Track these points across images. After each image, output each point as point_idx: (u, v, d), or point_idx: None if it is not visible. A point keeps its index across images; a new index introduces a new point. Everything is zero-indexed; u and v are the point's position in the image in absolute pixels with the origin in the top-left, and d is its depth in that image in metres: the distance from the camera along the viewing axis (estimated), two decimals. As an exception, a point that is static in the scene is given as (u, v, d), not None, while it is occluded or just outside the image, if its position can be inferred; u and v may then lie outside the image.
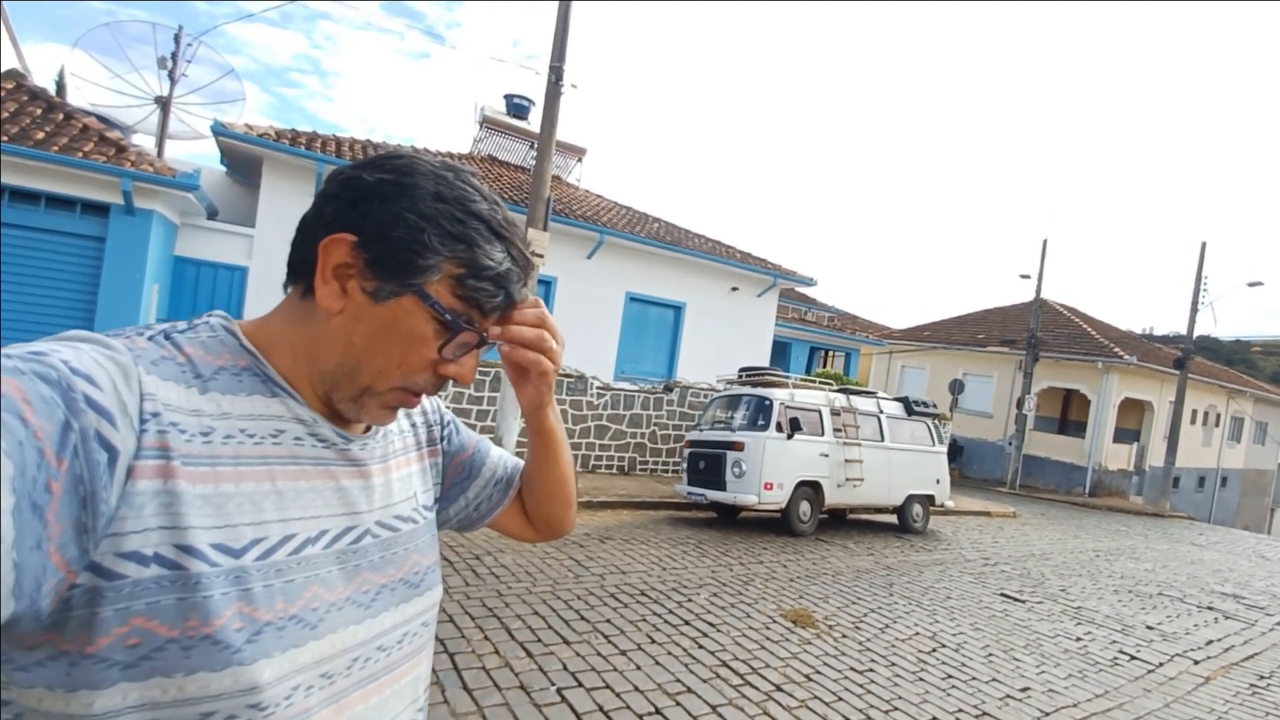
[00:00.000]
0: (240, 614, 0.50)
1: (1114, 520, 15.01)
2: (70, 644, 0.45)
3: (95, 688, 0.45)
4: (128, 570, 0.46)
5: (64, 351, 0.45)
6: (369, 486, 0.64)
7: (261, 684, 0.49)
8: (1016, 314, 25.02)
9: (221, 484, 0.52)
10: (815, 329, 18.31)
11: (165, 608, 0.47)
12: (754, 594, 5.19)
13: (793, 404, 7.85)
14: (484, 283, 0.60)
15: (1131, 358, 19.05)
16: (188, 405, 0.52)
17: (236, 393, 0.56)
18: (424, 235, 0.57)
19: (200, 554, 0.49)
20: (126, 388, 0.48)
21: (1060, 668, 4.40)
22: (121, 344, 0.50)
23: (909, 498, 8.89)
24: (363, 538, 0.62)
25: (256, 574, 0.52)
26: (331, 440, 0.62)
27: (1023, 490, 19.80)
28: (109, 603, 0.45)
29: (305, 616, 0.54)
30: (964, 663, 4.28)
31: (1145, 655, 4.88)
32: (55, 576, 0.42)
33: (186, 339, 0.56)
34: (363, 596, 0.60)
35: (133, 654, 0.46)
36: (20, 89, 6.88)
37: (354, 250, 0.57)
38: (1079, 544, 10.04)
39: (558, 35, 7.47)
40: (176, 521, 0.48)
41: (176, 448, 0.50)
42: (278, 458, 0.57)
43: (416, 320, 0.58)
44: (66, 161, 6.08)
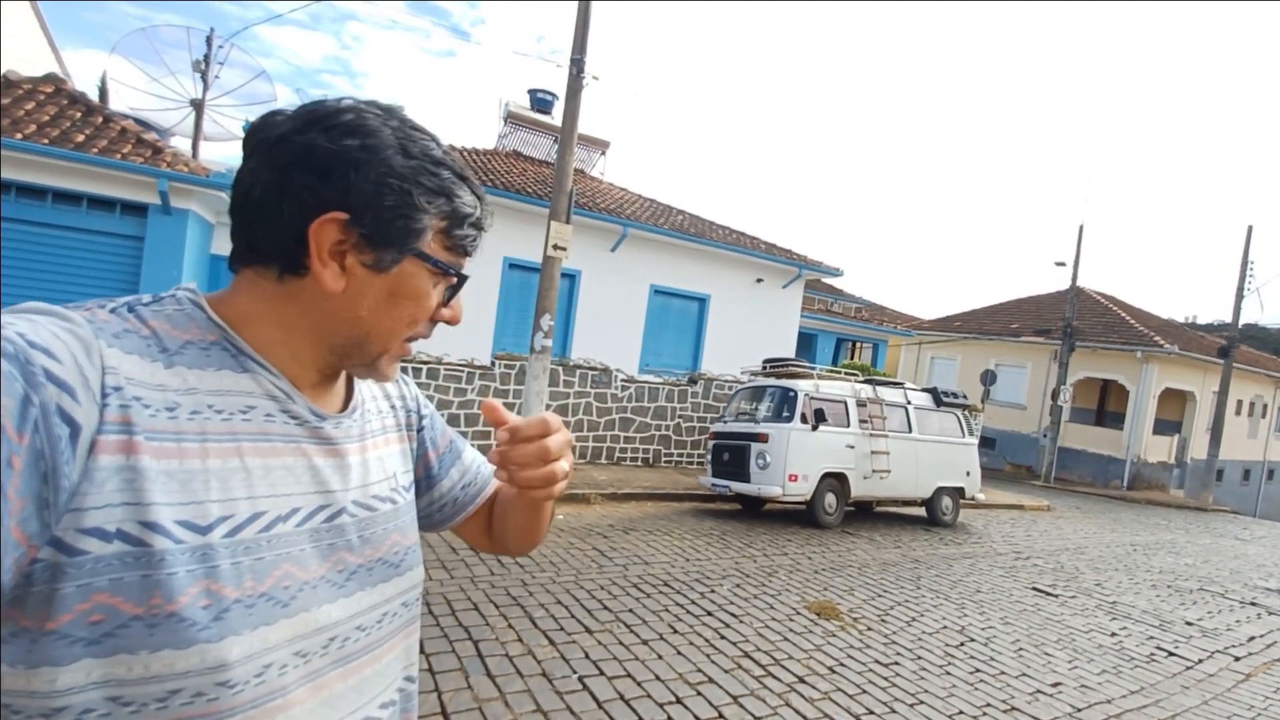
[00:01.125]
0: (207, 591, 0.49)
1: (1153, 514, 14.57)
2: (30, 620, 0.44)
3: (57, 664, 0.45)
4: (90, 546, 0.45)
5: (19, 324, 0.44)
6: (343, 465, 0.63)
7: (229, 661, 0.49)
8: (1051, 302, 24.34)
9: (187, 460, 0.51)
10: (842, 320, 18.07)
11: (128, 584, 0.46)
12: (778, 586, 5.17)
13: (817, 395, 7.77)
14: (467, 229, 0.62)
15: (1173, 346, 18.41)
16: (152, 380, 0.51)
17: (204, 367, 0.55)
18: (411, 198, 0.57)
19: (164, 530, 0.48)
20: (88, 361, 0.47)
21: (1094, 663, 4.30)
22: (81, 316, 0.49)
23: (938, 490, 8.74)
24: (337, 516, 0.61)
25: (224, 551, 0.51)
26: (304, 418, 0.60)
27: (1058, 483, 19.32)
28: (70, 579, 0.45)
29: (276, 594, 0.53)
30: (993, 657, 4.21)
31: (1184, 651, 4.74)
32: (16, 551, 0.41)
33: (151, 312, 0.55)
34: (338, 576, 0.59)
35: (95, 630, 0.45)
36: (60, 93, 7.14)
37: (346, 228, 0.56)
38: (1115, 538, 9.77)
39: (578, 28, 7.46)
40: (140, 498, 0.47)
41: (140, 423, 0.49)
42: (247, 434, 0.55)
43: (419, 280, 0.60)
44: (106, 163, 6.29)
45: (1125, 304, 24.35)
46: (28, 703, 0.45)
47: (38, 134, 6.34)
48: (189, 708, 0.48)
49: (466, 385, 8.90)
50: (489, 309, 10.43)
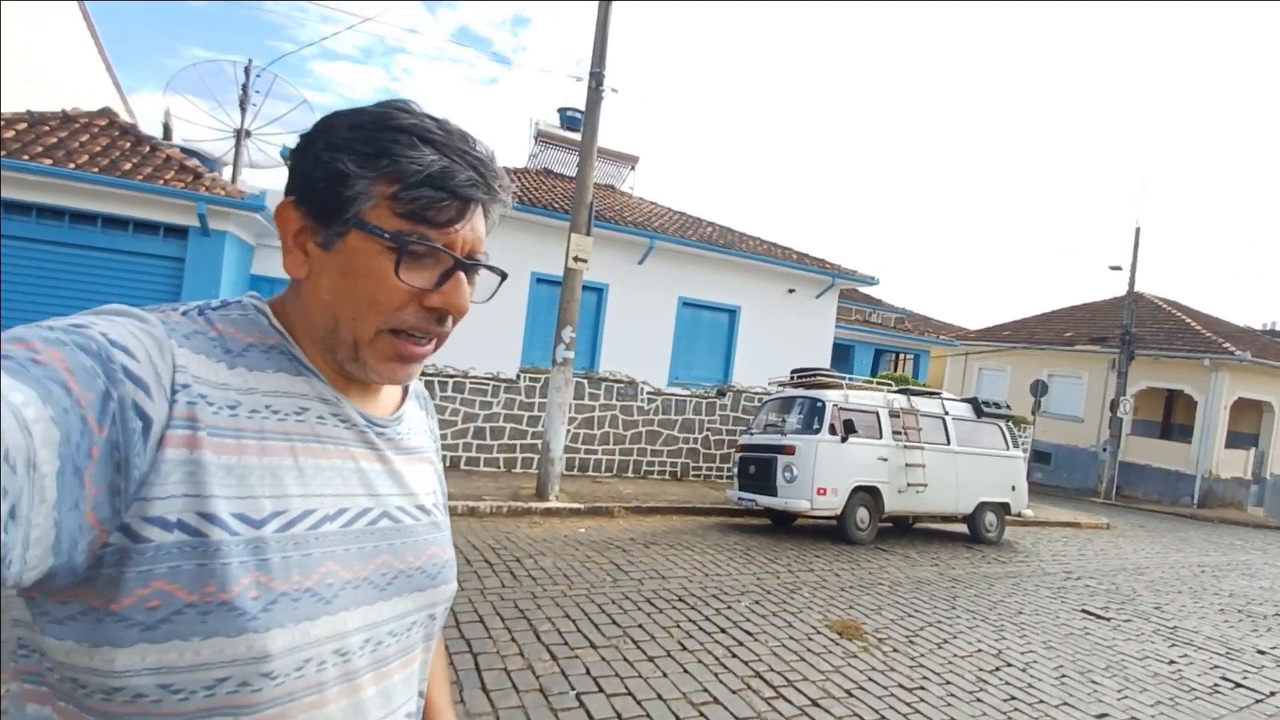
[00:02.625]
0: (257, 583, 0.50)
1: (1227, 533, 13.53)
2: (98, 600, 0.47)
3: (116, 645, 0.47)
4: (152, 534, 0.47)
5: (102, 324, 0.48)
6: (389, 472, 0.64)
7: (273, 652, 0.50)
8: (1108, 309, 23.13)
9: (245, 456, 0.53)
10: (881, 331, 17.57)
11: (185, 572, 0.48)
12: (799, 603, 4.94)
13: (847, 405, 7.50)
14: (420, 190, 0.56)
15: (1244, 353, 17.19)
16: (216, 378, 0.53)
17: (264, 369, 0.57)
18: (338, 164, 0.55)
19: (221, 522, 0.50)
20: (160, 359, 0.50)
21: (1147, 693, 3.93)
22: (156, 318, 0.52)
23: (980, 505, 8.30)
24: (380, 519, 0.62)
25: (274, 545, 0.52)
26: (354, 421, 0.62)
27: (1120, 500, 18.21)
28: (133, 564, 0.47)
29: (320, 590, 0.54)
30: (1031, 684, 3.90)
31: (1253, 683, 4.30)
32: (89, 535, 0.44)
33: (219, 315, 0.58)
34: (380, 579, 0.60)
35: (152, 616, 0.47)
36: (112, 125, 7.59)
37: (296, 210, 0.58)
38: (1182, 558, 9.07)
39: (597, 41, 7.52)
40: (200, 490, 0.49)
41: (204, 419, 0.51)
42: (299, 434, 0.57)
43: (368, 254, 0.56)
44: (148, 188, 6.63)
45: (1191, 310, 22.94)
46: (90, 679, 0.48)
47: (89, 163, 6.73)
48: (234, 696, 0.49)
49: (492, 399, 8.95)
50: (517, 323, 10.53)
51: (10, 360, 0.41)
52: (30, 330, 0.45)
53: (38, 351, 0.43)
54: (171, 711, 0.48)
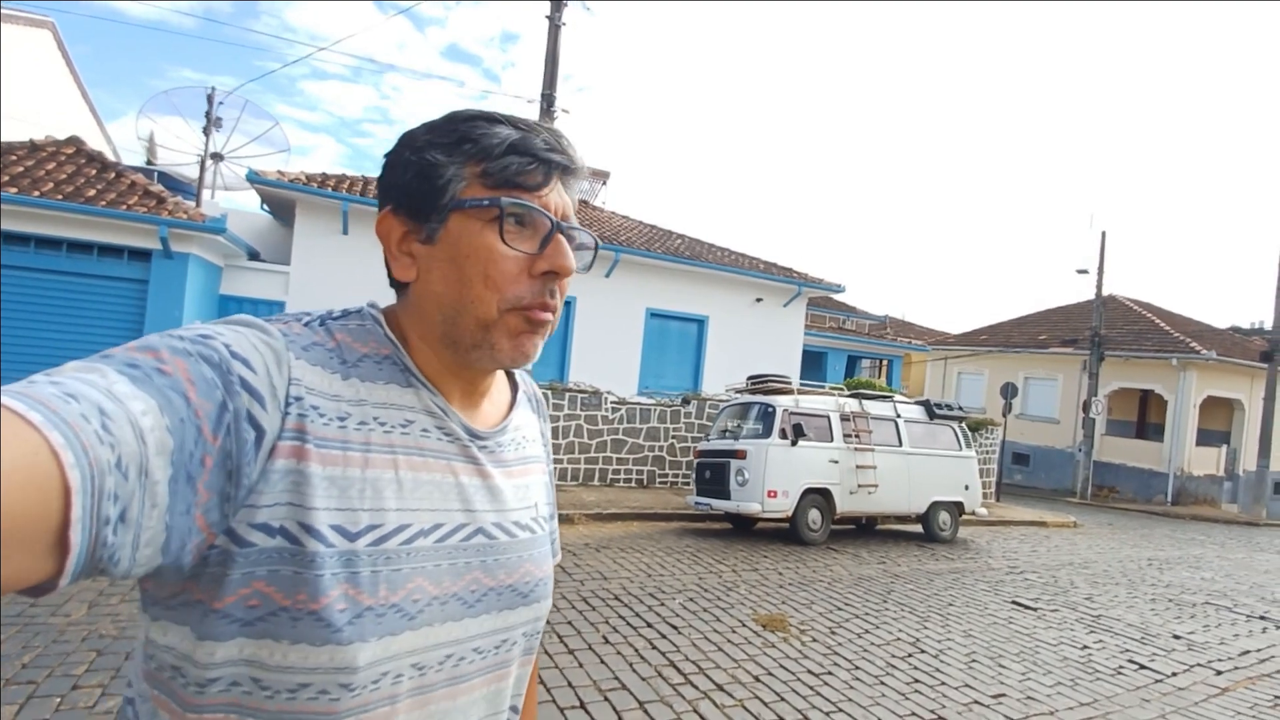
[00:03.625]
0: (345, 595, 0.51)
1: (1193, 529, 13.77)
2: (203, 595, 0.49)
3: (217, 639, 0.49)
4: (256, 539, 0.49)
5: (227, 335, 0.50)
6: (489, 487, 0.64)
7: (354, 665, 0.51)
8: (1080, 312, 23.49)
9: (349, 468, 0.54)
10: (855, 337, 17.86)
11: (283, 577, 0.50)
12: (733, 599, 5.13)
13: (797, 410, 7.73)
14: (506, 158, 0.58)
15: (1210, 352, 17.55)
16: (329, 390, 0.55)
17: (375, 380, 0.58)
18: (427, 158, 0.58)
19: (318, 534, 0.51)
20: (278, 372, 0.51)
21: (1050, 675, 4.14)
22: (278, 329, 0.55)
23: (933, 504, 8.52)
24: (474, 535, 0.62)
25: (365, 559, 0.53)
26: (458, 435, 0.62)
27: (1095, 500, 18.45)
28: (237, 566, 0.49)
29: (405, 607, 0.55)
30: (939, 668, 4.10)
31: (1158, 665, 4.51)
32: (198, 537, 0.46)
33: (339, 325, 0.60)
34: (469, 595, 0.60)
35: (251, 614, 0.49)
36: (79, 153, 7.81)
37: (395, 217, 0.60)
38: (1135, 553, 9.30)
39: (548, 65, 7.81)
40: (303, 500, 0.51)
41: (313, 431, 0.52)
42: (403, 447, 0.58)
43: (471, 231, 0.58)
44: (109, 213, 6.85)
45: (1162, 310, 23.36)
46: (189, 668, 0.50)
47: (54, 190, 6.95)
48: (313, 703, 0.51)
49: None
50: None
51: (137, 369, 0.43)
52: (160, 339, 0.47)
53: (164, 361, 0.45)
54: (257, 706, 0.50)
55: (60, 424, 0.36)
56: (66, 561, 0.36)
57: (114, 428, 0.39)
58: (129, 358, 0.44)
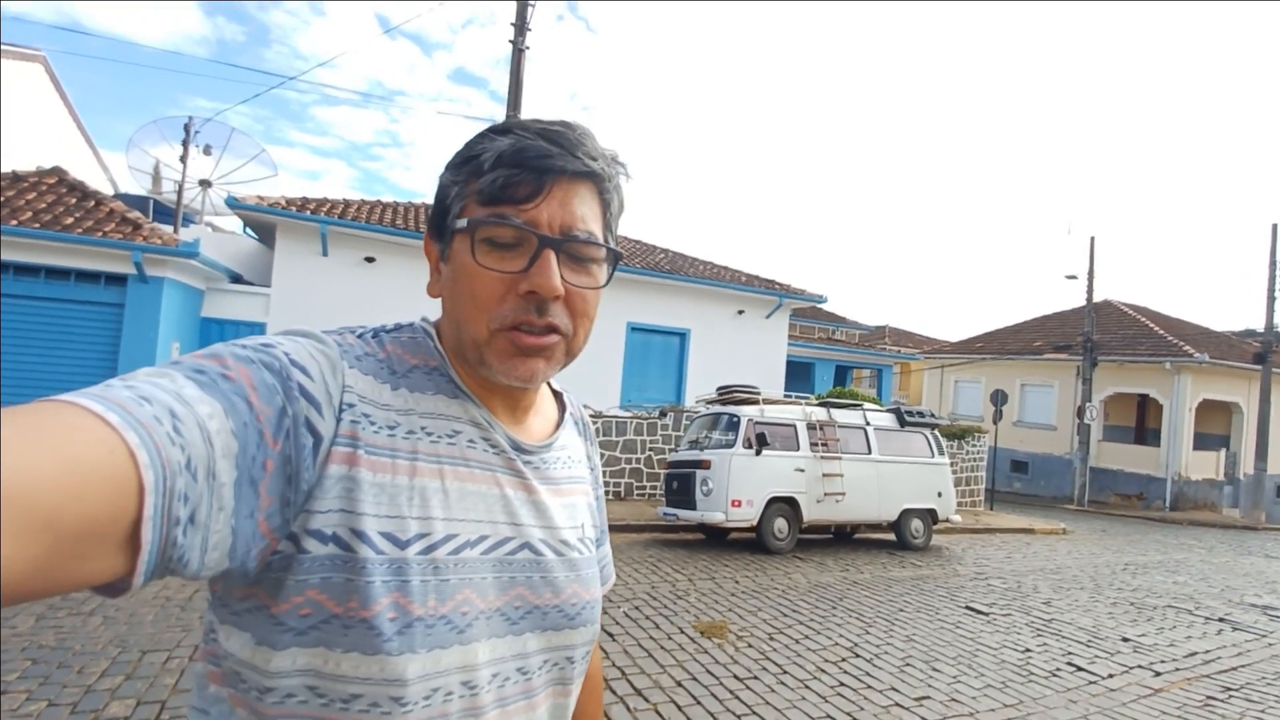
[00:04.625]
0: (395, 604, 0.51)
1: (1186, 534, 13.62)
2: (266, 600, 0.49)
3: (273, 647, 0.49)
4: (310, 546, 0.49)
5: (286, 344, 0.52)
6: (534, 503, 0.63)
7: (404, 677, 0.50)
8: (1076, 318, 23.37)
9: (397, 476, 0.54)
10: (844, 348, 17.90)
11: (335, 584, 0.50)
12: (680, 607, 5.18)
13: (762, 419, 7.80)
14: (494, 172, 0.56)
15: (1202, 355, 17.44)
16: (380, 399, 0.56)
17: (424, 391, 0.59)
18: (442, 179, 0.61)
19: (369, 540, 0.51)
20: (332, 379, 0.52)
21: (981, 678, 4.16)
22: (334, 339, 0.56)
23: (905, 512, 8.52)
24: (520, 550, 0.61)
25: (415, 568, 0.53)
26: (503, 447, 0.62)
27: (1092, 506, 18.26)
28: (293, 572, 0.49)
29: (454, 619, 0.54)
30: (869, 672, 4.13)
31: (1097, 667, 4.51)
32: (262, 543, 0.47)
33: (391, 338, 0.61)
34: (513, 612, 0.59)
35: (304, 622, 0.49)
36: (61, 183, 8.09)
37: (430, 241, 0.63)
38: (1114, 558, 9.23)
39: (512, 87, 8.03)
40: (354, 507, 0.51)
41: (364, 438, 0.53)
42: (449, 457, 0.58)
43: (462, 250, 0.58)
44: (83, 240, 7.09)
45: (1158, 314, 23.23)
46: (249, 674, 0.51)
47: (32, 219, 7.20)
48: (364, 715, 0.50)
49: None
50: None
51: (204, 375, 0.44)
52: (225, 347, 0.49)
53: (229, 368, 0.46)
54: (314, 715, 0.50)
55: (136, 425, 0.37)
56: (139, 560, 0.37)
57: (184, 430, 0.40)
58: (196, 364, 0.45)
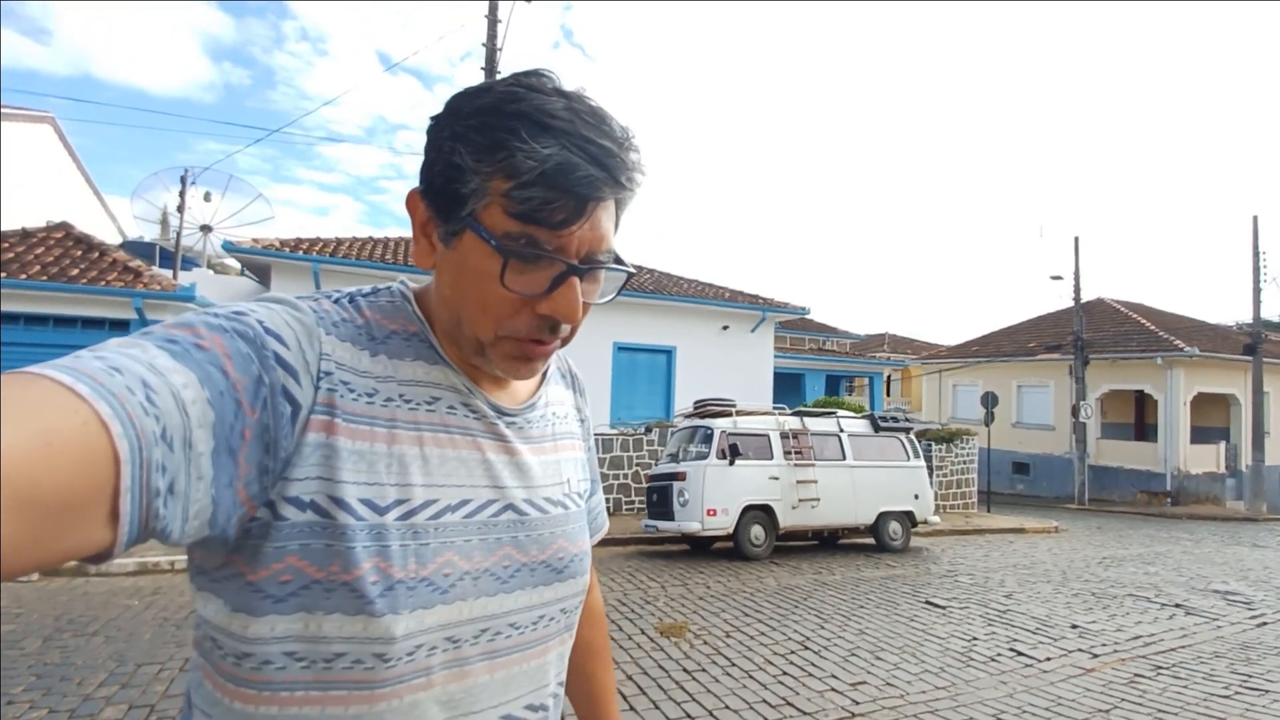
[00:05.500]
0: (376, 568, 0.51)
1: (1180, 528, 13.66)
2: (244, 567, 0.50)
3: (251, 614, 0.50)
4: (288, 513, 0.50)
5: (260, 312, 0.51)
6: (516, 463, 0.64)
7: (386, 636, 0.51)
8: (1069, 318, 23.44)
9: (375, 443, 0.54)
10: (835, 358, 18.17)
11: (314, 551, 0.50)
12: (646, 611, 5.46)
13: (734, 431, 8.10)
14: (532, 189, 0.52)
15: (1192, 349, 17.55)
16: (358, 366, 0.55)
17: (403, 357, 0.58)
18: (456, 157, 0.53)
19: (348, 506, 0.51)
20: (309, 346, 0.52)
21: (920, 665, 4.40)
22: (309, 306, 0.55)
23: (882, 515, 8.75)
24: (503, 512, 0.61)
25: (395, 533, 0.53)
26: (484, 412, 0.62)
27: (1093, 505, 18.27)
28: (271, 540, 0.49)
29: (436, 581, 0.55)
30: (814, 662, 4.39)
31: (1037, 652, 4.74)
32: (240, 510, 0.47)
33: (368, 302, 0.60)
34: (502, 571, 0.60)
35: (283, 589, 0.49)
36: (68, 236, 8.64)
37: (422, 200, 0.58)
38: (1094, 553, 9.39)
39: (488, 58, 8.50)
40: (332, 474, 0.51)
41: (342, 406, 0.53)
42: (428, 424, 0.58)
43: (479, 256, 0.54)
44: (86, 290, 7.60)
45: (1151, 310, 23.32)
46: (226, 641, 0.51)
47: (40, 272, 7.71)
48: (348, 672, 0.51)
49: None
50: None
51: (176, 344, 0.44)
52: (197, 317, 0.48)
53: (202, 337, 0.45)
54: (293, 679, 0.51)
55: (107, 395, 0.37)
56: (119, 530, 0.38)
57: (158, 400, 0.40)
58: (168, 334, 0.45)
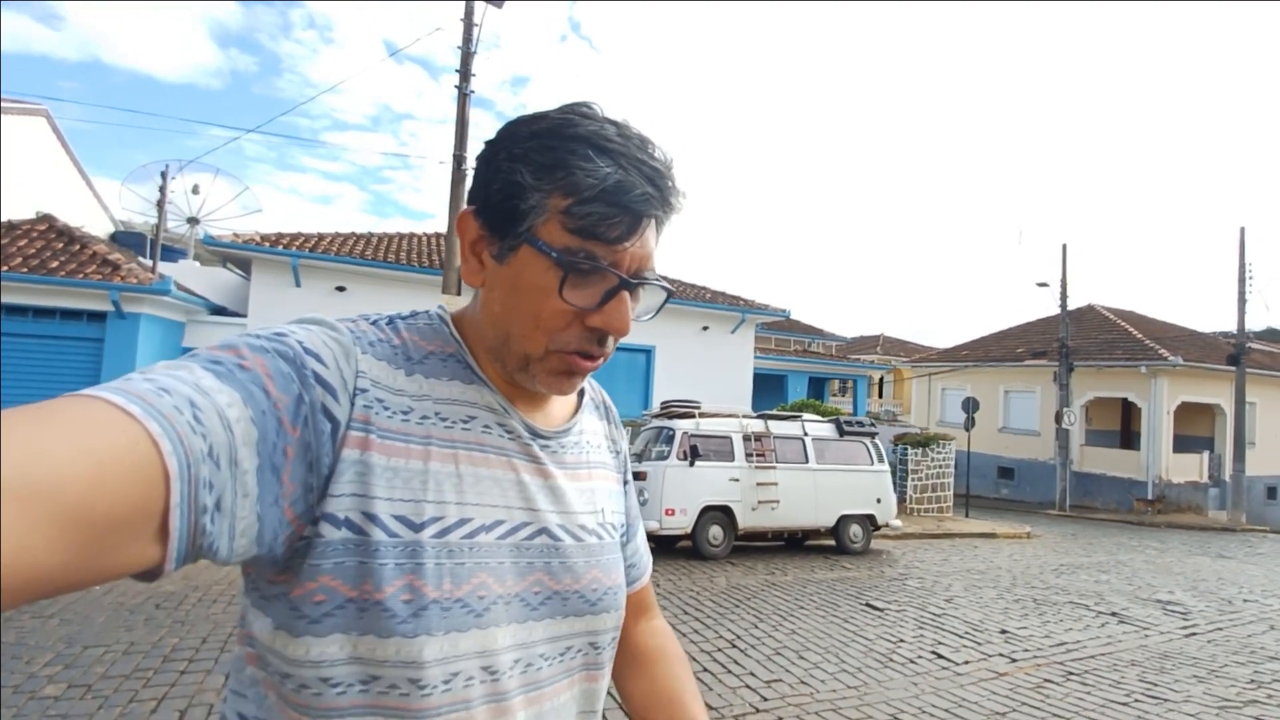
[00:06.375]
0: (409, 586, 0.51)
1: (1154, 537, 13.78)
2: (291, 585, 0.50)
3: (291, 634, 0.50)
4: (325, 531, 0.50)
5: (299, 333, 0.53)
6: (550, 488, 0.63)
7: (421, 660, 0.51)
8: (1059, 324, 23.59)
9: (410, 460, 0.54)
10: (819, 359, 18.29)
11: (347, 569, 0.50)
12: (588, 608, 5.63)
13: (696, 432, 8.25)
14: (592, 205, 0.54)
15: (1176, 358, 17.61)
16: (393, 384, 0.56)
17: (439, 376, 0.59)
18: (516, 175, 0.56)
19: (381, 523, 0.51)
20: (346, 365, 0.53)
21: (839, 665, 4.56)
22: (346, 327, 0.56)
23: (843, 518, 8.90)
24: (538, 535, 0.61)
25: (430, 550, 0.53)
26: (519, 433, 0.62)
27: (1074, 511, 18.37)
28: (309, 557, 0.50)
29: (471, 603, 0.54)
30: (737, 660, 4.54)
31: (958, 656, 4.89)
32: (289, 529, 0.48)
33: (406, 324, 0.62)
34: (533, 597, 0.59)
35: (318, 610, 0.50)
36: (50, 229, 8.84)
37: (475, 220, 0.59)
38: (1054, 560, 9.52)
39: (459, 126, 8.66)
40: (366, 490, 0.51)
41: (376, 422, 0.53)
42: (464, 443, 0.58)
43: (535, 270, 0.56)
44: (64, 281, 7.80)
45: (1142, 318, 23.35)
46: (272, 659, 0.52)
47: (22, 264, 7.91)
48: (384, 698, 0.51)
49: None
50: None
51: (220, 365, 0.46)
52: (239, 339, 0.50)
53: (244, 358, 0.47)
54: (329, 706, 0.50)
55: (157, 415, 0.39)
56: (169, 547, 0.39)
57: (204, 419, 0.41)
58: (212, 355, 0.47)
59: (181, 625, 4.60)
